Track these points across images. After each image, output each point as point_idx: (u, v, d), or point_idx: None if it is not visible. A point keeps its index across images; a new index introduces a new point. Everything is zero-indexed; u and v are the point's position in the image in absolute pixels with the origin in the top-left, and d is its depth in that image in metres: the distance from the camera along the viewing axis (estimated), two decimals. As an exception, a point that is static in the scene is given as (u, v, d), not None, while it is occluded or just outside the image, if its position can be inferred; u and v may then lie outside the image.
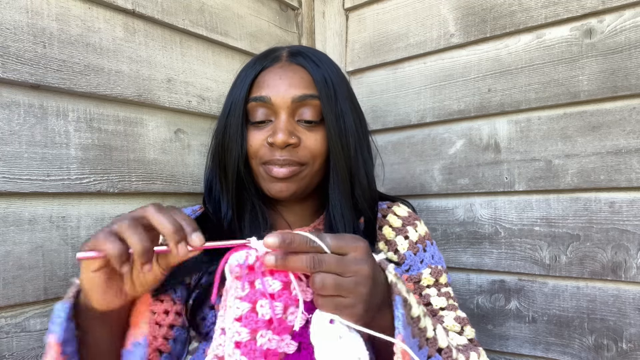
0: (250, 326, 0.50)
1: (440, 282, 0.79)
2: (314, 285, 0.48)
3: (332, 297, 0.48)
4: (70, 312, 0.53)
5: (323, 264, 0.48)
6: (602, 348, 0.96)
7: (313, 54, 0.80)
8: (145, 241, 0.48)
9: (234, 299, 0.51)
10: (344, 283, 0.48)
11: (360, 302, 0.49)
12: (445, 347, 0.60)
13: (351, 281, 0.48)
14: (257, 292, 0.50)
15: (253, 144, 0.77)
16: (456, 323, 0.74)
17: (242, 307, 0.50)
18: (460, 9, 1.11)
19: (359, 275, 0.49)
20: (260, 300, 0.50)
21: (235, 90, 0.80)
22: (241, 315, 0.50)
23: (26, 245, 0.79)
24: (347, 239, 0.50)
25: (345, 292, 0.48)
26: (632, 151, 0.92)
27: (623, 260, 0.93)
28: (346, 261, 0.49)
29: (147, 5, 0.95)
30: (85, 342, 0.55)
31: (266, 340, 0.50)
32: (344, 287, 0.48)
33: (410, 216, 0.86)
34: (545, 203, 1.02)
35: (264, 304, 0.50)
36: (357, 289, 0.48)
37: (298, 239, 0.48)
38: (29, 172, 0.79)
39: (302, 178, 0.77)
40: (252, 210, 0.80)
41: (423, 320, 0.57)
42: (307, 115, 0.76)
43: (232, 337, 0.50)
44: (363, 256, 0.50)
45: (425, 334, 0.57)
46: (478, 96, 1.09)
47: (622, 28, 0.92)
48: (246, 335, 0.50)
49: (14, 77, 0.76)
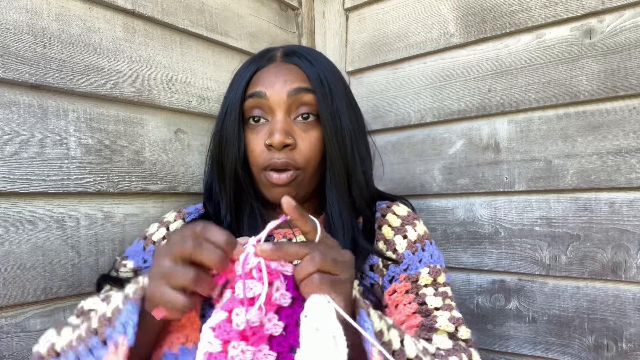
0: (222, 337, 0.48)
1: (438, 281, 0.79)
2: (309, 262, 0.50)
3: (324, 274, 0.50)
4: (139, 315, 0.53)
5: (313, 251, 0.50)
6: (602, 348, 0.96)
7: (308, 53, 0.80)
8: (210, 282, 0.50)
9: (217, 305, 0.50)
10: (333, 255, 0.51)
11: (348, 280, 0.52)
12: (414, 356, 0.59)
13: (339, 257, 0.51)
14: (234, 299, 0.49)
15: (253, 150, 0.77)
16: (450, 323, 0.73)
17: (219, 316, 0.49)
18: (460, 9, 1.11)
19: (343, 256, 0.52)
20: (236, 309, 0.48)
21: (232, 91, 0.80)
22: (216, 324, 0.48)
23: (26, 245, 0.79)
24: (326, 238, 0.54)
25: (335, 267, 0.50)
26: (632, 151, 0.92)
27: (623, 260, 0.93)
28: (329, 245, 0.53)
29: (147, 5, 0.95)
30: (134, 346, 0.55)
31: (238, 351, 0.48)
32: (334, 261, 0.50)
33: (410, 216, 0.85)
34: (545, 203, 1.02)
35: (240, 312, 0.48)
36: (345, 266, 0.52)
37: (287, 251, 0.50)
38: (29, 172, 0.79)
39: (300, 182, 0.77)
40: (250, 212, 0.80)
41: (387, 334, 0.56)
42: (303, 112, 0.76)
43: (204, 347, 0.48)
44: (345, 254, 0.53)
45: (391, 347, 0.57)
46: (478, 96, 1.09)
47: (622, 28, 0.92)
48: (218, 346, 0.48)
49: (14, 77, 0.76)
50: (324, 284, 0.49)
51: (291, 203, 0.51)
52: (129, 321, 0.52)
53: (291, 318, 0.51)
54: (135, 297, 0.53)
